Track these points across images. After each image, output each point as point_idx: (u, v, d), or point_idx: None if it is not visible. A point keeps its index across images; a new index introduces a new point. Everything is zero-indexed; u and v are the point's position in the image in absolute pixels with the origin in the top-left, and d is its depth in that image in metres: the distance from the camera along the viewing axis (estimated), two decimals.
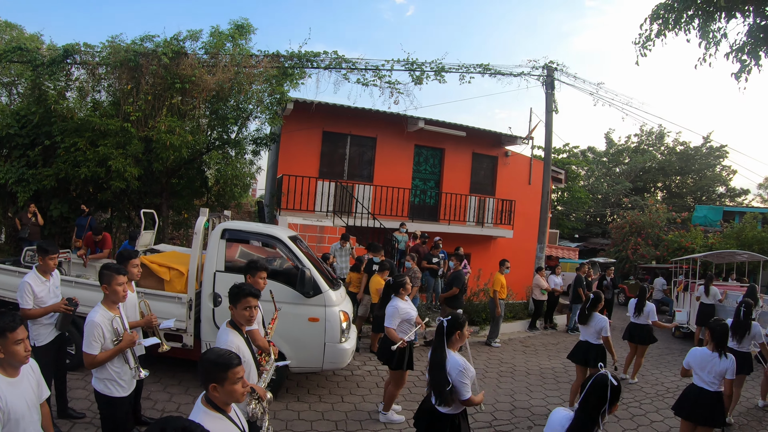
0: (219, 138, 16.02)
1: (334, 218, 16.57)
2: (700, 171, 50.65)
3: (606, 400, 3.51)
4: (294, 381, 9.25)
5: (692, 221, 36.09)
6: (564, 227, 45.90)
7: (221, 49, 14.61)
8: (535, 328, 16.71)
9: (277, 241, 8.58)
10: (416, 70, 16.97)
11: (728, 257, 21.23)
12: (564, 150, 50.35)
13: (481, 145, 21.64)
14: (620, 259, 32.54)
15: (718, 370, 6.55)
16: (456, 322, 5.35)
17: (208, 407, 3.40)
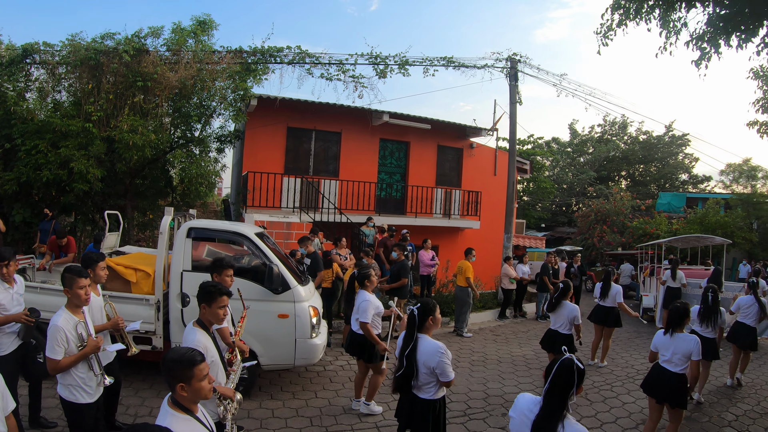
0: (183, 136, 15.81)
1: (300, 214, 16.48)
2: (663, 159, 51.52)
3: (574, 384, 3.51)
4: (267, 379, 9.19)
5: (656, 208, 36.53)
6: (530, 217, 46.20)
7: (183, 46, 14.45)
8: (505, 316, 16.86)
9: (243, 237, 8.52)
10: (380, 63, 16.95)
11: (692, 242, 21.61)
12: (529, 141, 50.76)
13: (446, 138, 21.72)
14: (587, 247, 32.91)
15: (683, 351, 6.67)
16: (427, 308, 5.37)
17: (175, 409, 3.36)
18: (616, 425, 8.34)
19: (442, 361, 5.10)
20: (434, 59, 17.95)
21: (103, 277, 6.12)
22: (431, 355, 5.14)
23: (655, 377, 6.96)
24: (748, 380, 11.14)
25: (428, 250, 15.51)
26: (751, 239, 30.32)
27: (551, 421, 3.47)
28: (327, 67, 16.54)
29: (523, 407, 3.72)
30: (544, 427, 3.48)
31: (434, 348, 5.16)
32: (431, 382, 5.24)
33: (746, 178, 44.27)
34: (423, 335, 5.33)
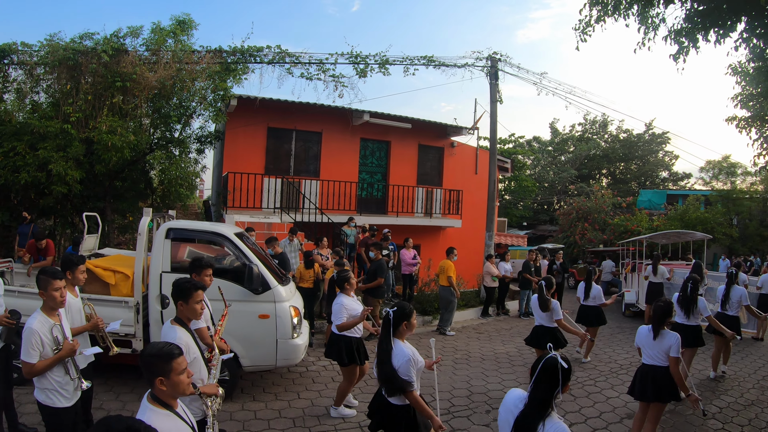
0: (162, 137, 15.69)
1: (281, 215, 16.42)
2: (644, 157, 52.11)
3: (558, 383, 3.49)
4: (249, 380, 9.16)
5: (637, 205, 36.82)
6: (512, 216, 46.36)
7: (163, 46, 14.35)
8: (488, 314, 16.91)
9: (222, 238, 8.46)
10: (360, 63, 16.93)
11: (673, 237, 21.83)
12: (510, 140, 51.00)
13: (427, 137, 21.71)
14: (568, 245, 33.05)
15: (662, 347, 6.68)
16: (403, 313, 5.29)
17: (154, 404, 3.33)
18: (600, 420, 8.39)
19: (406, 367, 5.07)
20: (415, 58, 17.97)
21: (81, 280, 6.05)
22: (398, 360, 5.11)
23: (641, 378, 6.95)
24: (731, 372, 11.26)
25: (410, 249, 15.52)
26: (731, 234, 30.62)
27: (533, 418, 3.46)
28: (307, 66, 16.50)
29: (509, 403, 3.73)
30: (526, 424, 3.48)
31: (401, 355, 5.14)
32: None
33: (726, 174, 44.73)
34: (396, 340, 5.28)
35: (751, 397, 9.80)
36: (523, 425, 3.49)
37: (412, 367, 5.09)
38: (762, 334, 14.71)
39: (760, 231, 32.52)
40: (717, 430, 8.23)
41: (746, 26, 8.98)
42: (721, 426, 8.37)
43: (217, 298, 6.34)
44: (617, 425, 8.16)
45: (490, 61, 18.71)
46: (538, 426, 3.42)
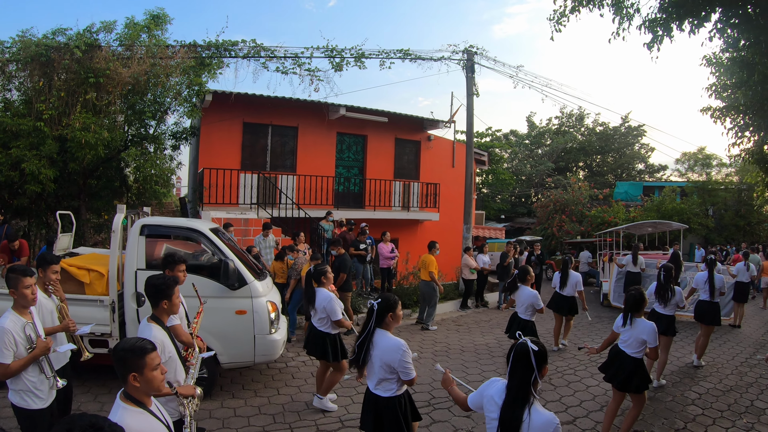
0: (137, 134, 15.53)
1: (258, 210, 16.34)
2: (620, 150, 52.87)
3: (533, 368, 3.48)
4: (228, 378, 9.10)
5: (614, 197, 37.12)
6: (490, 209, 46.51)
7: (136, 41, 14.23)
8: (467, 307, 16.97)
9: (197, 233, 8.39)
10: (336, 56, 16.90)
11: (650, 227, 22.06)
12: (487, 134, 51.26)
13: (403, 131, 21.68)
14: (546, 237, 33.21)
15: (638, 337, 6.75)
16: (388, 304, 5.25)
17: (127, 403, 3.26)
18: (581, 408, 8.47)
19: (402, 360, 5.01)
20: (391, 52, 17.97)
21: (53, 280, 5.94)
22: (392, 352, 5.05)
23: (613, 358, 7.07)
24: (710, 359, 11.45)
25: (387, 242, 15.49)
26: (707, 225, 31.02)
27: (515, 407, 3.45)
28: (282, 60, 16.46)
29: (493, 392, 3.73)
30: (510, 413, 3.47)
31: (395, 345, 5.08)
32: (391, 379, 5.15)
33: (701, 166, 45.37)
34: (383, 331, 5.24)
35: (729, 383, 9.94)
36: (507, 416, 3.48)
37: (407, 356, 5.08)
38: (739, 322, 15.01)
39: (736, 221, 33.04)
40: (697, 415, 8.32)
41: (721, 16, 9.03)
42: (700, 411, 8.48)
43: (192, 295, 6.26)
44: (598, 413, 8.20)
45: (466, 54, 18.71)
46: (522, 415, 3.41)
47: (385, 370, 5.11)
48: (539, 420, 3.39)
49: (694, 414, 8.36)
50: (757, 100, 11.18)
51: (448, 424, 7.66)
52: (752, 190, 32.13)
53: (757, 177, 21.17)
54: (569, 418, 8.02)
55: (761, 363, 11.31)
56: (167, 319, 4.95)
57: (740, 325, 15.07)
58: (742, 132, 13.55)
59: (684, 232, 22.76)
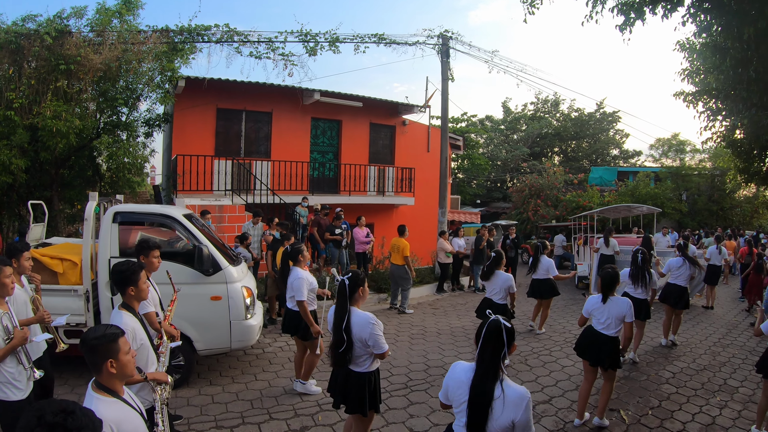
0: (109, 122, 15.30)
1: (233, 197, 16.28)
2: (595, 135, 53.46)
3: (504, 344, 3.52)
4: (205, 365, 9.08)
5: (588, 182, 37.55)
6: (466, 194, 46.66)
7: (108, 26, 14.03)
8: (443, 290, 17.07)
9: (171, 219, 8.30)
10: (310, 41, 16.80)
11: (624, 211, 22.28)
12: (463, 119, 51.36)
13: (378, 116, 21.65)
14: (522, 221, 33.45)
15: (617, 314, 6.80)
16: (357, 279, 5.32)
17: (100, 393, 3.21)
18: (556, 388, 8.60)
19: (374, 333, 5.07)
20: (365, 36, 17.88)
21: (27, 268, 5.87)
22: (362, 326, 5.10)
23: (590, 339, 7.09)
24: (683, 339, 11.72)
25: (363, 227, 15.45)
26: (680, 209, 31.43)
27: (487, 382, 3.48)
28: (256, 45, 16.32)
29: (458, 374, 3.73)
30: (482, 389, 3.48)
31: (365, 319, 5.13)
32: (364, 355, 5.20)
33: (675, 151, 46.10)
34: (353, 307, 5.28)
35: (703, 363, 10.17)
36: (479, 391, 3.49)
37: (377, 329, 5.12)
38: (712, 303, 15.34)
39: (709, 206, 33.64)
40: (671, 394, 8.48)
41: (694, 1, 9.06)
42: (675, 390, 8.64)
43: (167, 282, 6.22)
44: (573, 393, 8.30)
45: (441, 38, 18.70)
46: (494, 388, 3.45)
47: (359, 346, 5.15)
48: (514, 394, 3.43)
49: (668, 392, 8.52)
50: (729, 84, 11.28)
51: (426, 405, 7.72)
52: (725, 175, 32.59)
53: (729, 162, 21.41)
54: (545, 398, 8.12)
55: (734, 343, 11.58)
56: (138, 306, 4.91)
57: (713, 306, 15.40)
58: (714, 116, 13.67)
59: (658, 216, 23.04)
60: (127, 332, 4.17)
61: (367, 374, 5.25)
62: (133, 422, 3.31)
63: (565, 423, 7.25)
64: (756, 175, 15.28)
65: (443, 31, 18.64)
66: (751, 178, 15.74)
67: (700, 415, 7.70)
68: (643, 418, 7.51)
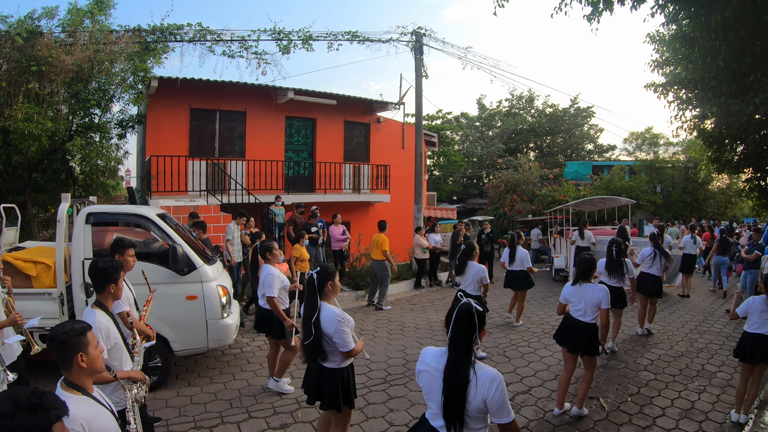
0: (81, 123, 15.16)
1: (208, 197, 16.15)
2: (569, 131, 53.95)
3: (476, 327, 3.54)
4: (183, 366, 9.06)
5: (564, 176, 37.78)
6: (442, 190, 46.78)
7: (79, 27, 13.90)
8: (421, 286, 17.16)
9: (144, 219, 8.23)
10: (283, 39, 16.78)
11: (599, 204, 22.56)
12: (438, 116, 51.38)
13: (352, 113, 21.62)
14: (498, 216, 33.61)
15: (593, 301, 6.90)
16: (327, 273, 5.30)
17: (69, 391, 3.21)
18: (535, 378, 8.72)
19: (339, 329, 5.06)
20: (339, 34, 17.93)
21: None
22: (329, 322, 5.10)
23: (568, 327, 7.21)
24: (660, 327, 11.99)
25: (339, 225, 15.46)
26: (655, 201, 31.82)
27: (460, 367, 3.49)
28: (229, 44, 16.26)
29: (429, 360, 3.74)
30: (455, 374, 3.49)
31: (331, 315, 5.12)
32: (335, 351, 5.20)
33: (649, 145, 46.60)
34: (322, 302, 5.26)
35: (680, 349, 10.38)
36: (453, 375, 3.49)
37: (344, 326, 5.10)
38: (688, 292, 15.61)
39: (683, 197, 34.02)
40: (650, 380, 8.64)
41: None
42: (653, 377, 8.81)
43: (142, 283, 6.18)
44: (553, 382, 8.45)
45: (414, 35, 18.77)
46: (469, 372, 3.46)
47: (326, 341, 5.14)
48: (484, 375, 3.45)
49: (647, 379, 8.68)
50: (698, 73, 11.41)
51: (405, 399, 7.79)
52: (698, 167, 33.01)
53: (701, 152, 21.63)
54: (524, 388, 8.23)
55: (711, 329, 11.82)
56: (111, 305, 4.87)
57: (689, 294, 15.64)
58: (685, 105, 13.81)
59: (633, 208, 23.31)
60: (101, 330, 4.16)
61: (339, 370, 5.26)
62: (105, 420, 3.30)
63: (545, 412, 7.32)
64: (727, 164, 15.46)
65: (417, 28, 18.73)
66: (723, 167, 15.94)
67: (679, 400, 7.85)
68: (623, 405, 7.63)
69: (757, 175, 15.28)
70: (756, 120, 11.34)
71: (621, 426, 6.96)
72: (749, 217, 31.84)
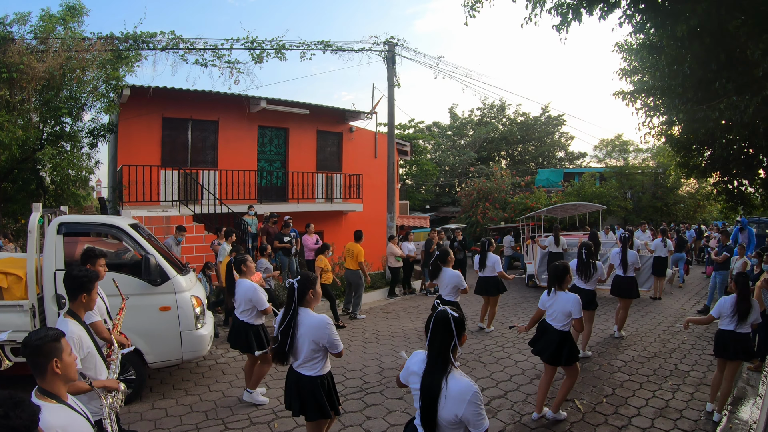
0: (52, 132, 15.04)
1: (180, 207, 16.00)
2: (541, 138, 54.69)
3: (453, 334, 3.55)
4: (157, 378, 8.97)
5: (535, 184, 38.17)
6: (415, 199, 46.98)
7: (52, 33, 13.80)
8: (395, 294, 17.16)
9: (116, 230, 8.15)
10: (256, 48, 16.81)
11: (570, 210, 22.91)
12: (410, 125, 51.55)
13: (325, 123, 21.64)
14: (471, 224, 33.84)
15: (562, 309, 6.98)
16: (307, 281, 5.30)
17: (44, 399, 3.19)
18: (511, 382, 8.79)
19: (330, 334, 5.08)
20: (312, 43, 18.01)
21: None
22: (319, 329, 5.09)
23: (541, 333, 7.32)
24: (633, 329, 12.16)
25: (312, 234, 15.47)
26: (626, 207, 32.27)
27: (435, 374, 3.52)
28: (202, 52, 16.28)
29: (414, 363, 3.80)
30: (430, 381, 3.53)
31: (321, 321, 5.12)
32: (316, 358, 5.20)
33: (618, 152, 47.14)
34: (305, 309, 5.26)
35: (653, 350, 10.56)
36: (428, 382, 3.53)
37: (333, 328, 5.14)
38: (659, 294, 15.87)
39: (653, 202, 34.52)
40: (624, 381, 8.78)
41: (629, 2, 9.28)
42: (627, 378, 8.95)
43: (114, 293, 6.13)
44: (528, 386, 8.56)
45: (387, 45, 18.89)
46: (441, 382, 3.47)
47: (313, 348, 5.14)
48: (455, 387, 3.44)
49: (621, 380, 8.82)
50: (665, 81, 11.58)
51: (381, 406, 7.78)
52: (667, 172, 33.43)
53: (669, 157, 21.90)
54: (500, 393, 8.28)
55: (683, 330, 11.93)
56: (84, 315, 4.83)
57: (660, 297, 15.89)
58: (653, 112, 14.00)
59: (604, 214, 23.56)
60: (73, 340, 4.14)
61: (319, 377, 5.24)
62: (81, 427, 3.29)
63: (522, 416, 7.37)
64: (695, 169, 15.66)
65: (389, 38, 18.87)
66: (691, 172, 16.14)
67: (653, 400, 7.99)
68: (598, 406, 7.74)
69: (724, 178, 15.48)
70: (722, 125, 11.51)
71: (597, 427, 7.06)
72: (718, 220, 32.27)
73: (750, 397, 8.07)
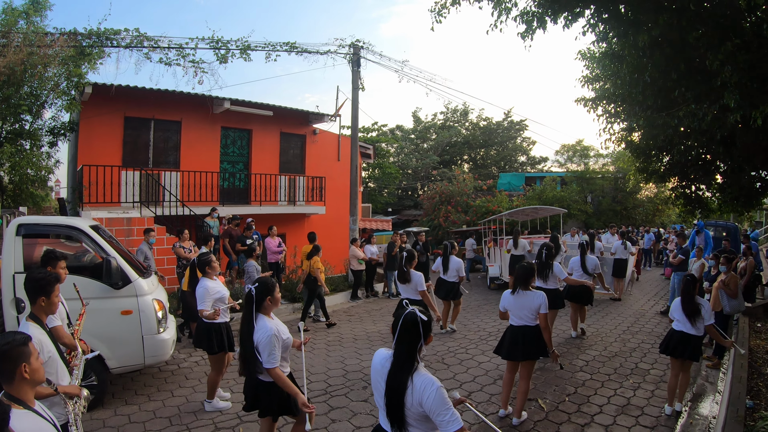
0: (11, 130, 14.78)
1: (141, 209, 15.77)
2: (503, 143, 55.24)
3: (420, 336, 3.58)
4: (119, 384, 8.84)
5: (497, 187, 38.51)
6: (377, 202, 46.96)
7: (13, 27, 13.55)
8: (357, 297, 17.19)
9: (77, 231, 8.03)
10: (221, 48, 16.69)
11: (531, 213, 23.30)
12: (374, 129, 51.75)
13: (289, 125, 21.59)
14: (433, 227, 33.96)
15: (532, 306, 7.03)
16: (265, 288, 5.25)
17: (12, 405, 3.06)
18: (474, 383, 8.86)
19: (268, 344, 5.03)
20: (277, 44, 17.94)
21: None
22: (262, 335, 5.07)
23: (512, 337, 7.25)
24: (594, 330, 12.37)
25: (274, 237, 15.37)
26: (586, 210, 32.76)
27: (401, 373, 3.54)
28: (166, 51, 16.11)
29: (377, 363, 3.79)
30: (396, 379, 3.55)
31: (265, 330, 5.09)
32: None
33: (579, 156, 47.75)
34: (261, 315, 5.24)
35: (614, 350, 10.77)
36: (393, 382, 3.56)
37: (276, 342, 5.06)
38: (620, 295, 16.24)
39: (613, 206, 35.29)
40: (586, 380, 8.93)
41: (593, 12, 9.41)
42: (589, 377, 9.11)
43: (74, 297, 6.03)
44: (491, 386, 8.65)
45: (352, 48, 18.95)
46: (407, 381, 3.50)
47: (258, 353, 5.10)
48: (419, 382, 3.48)
49: (583, 379, 8.97)
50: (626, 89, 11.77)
51: (347, 409, 7.79)
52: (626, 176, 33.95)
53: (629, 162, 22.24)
54: (464, 394, 8.28)
55: (642, 329, 12.33)
56: (46, 319, 4.75)
57: (621, 297, 16.23)
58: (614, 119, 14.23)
59: (564, 217, 23.91)
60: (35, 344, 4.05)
61: (273, 383, 5.19)
62: None
63: (486, 415, 7.40)
64: (654, 174, 15.96)
65: (355, 41, 18.92)
66: (650, 177, 16.46)
67: (615, 398, 8.15)
68: (561, 405, 7.84)
69: (682, 183, 15.81)
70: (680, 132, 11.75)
71: (560, 425, 7.15)
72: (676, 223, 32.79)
73: (709, 394, 8.26)
